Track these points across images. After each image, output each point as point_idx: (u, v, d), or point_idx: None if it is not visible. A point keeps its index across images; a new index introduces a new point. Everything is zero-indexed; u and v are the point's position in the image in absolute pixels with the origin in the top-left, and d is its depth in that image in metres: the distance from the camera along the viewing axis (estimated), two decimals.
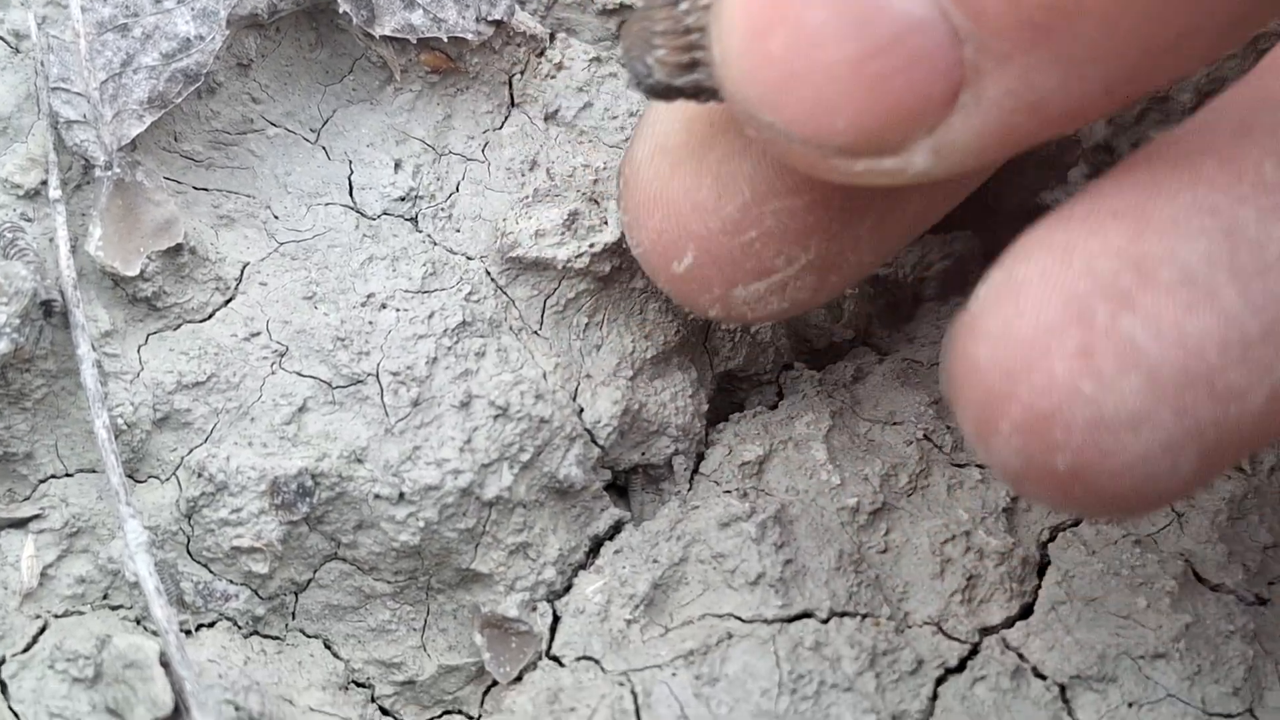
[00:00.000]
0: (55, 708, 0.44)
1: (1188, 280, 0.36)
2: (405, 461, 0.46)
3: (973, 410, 0.38)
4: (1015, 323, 0.36)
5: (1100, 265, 0.36)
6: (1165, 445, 0.36)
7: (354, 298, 0.47)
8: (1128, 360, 0.36)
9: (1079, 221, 0.38)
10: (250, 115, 0.49)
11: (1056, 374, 0.36)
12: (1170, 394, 0.36)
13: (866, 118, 0.36)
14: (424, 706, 0.47)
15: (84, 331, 0.45)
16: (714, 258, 0.43)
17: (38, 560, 0.45)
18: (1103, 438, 0.36)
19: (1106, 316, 0.36)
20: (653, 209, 0.44)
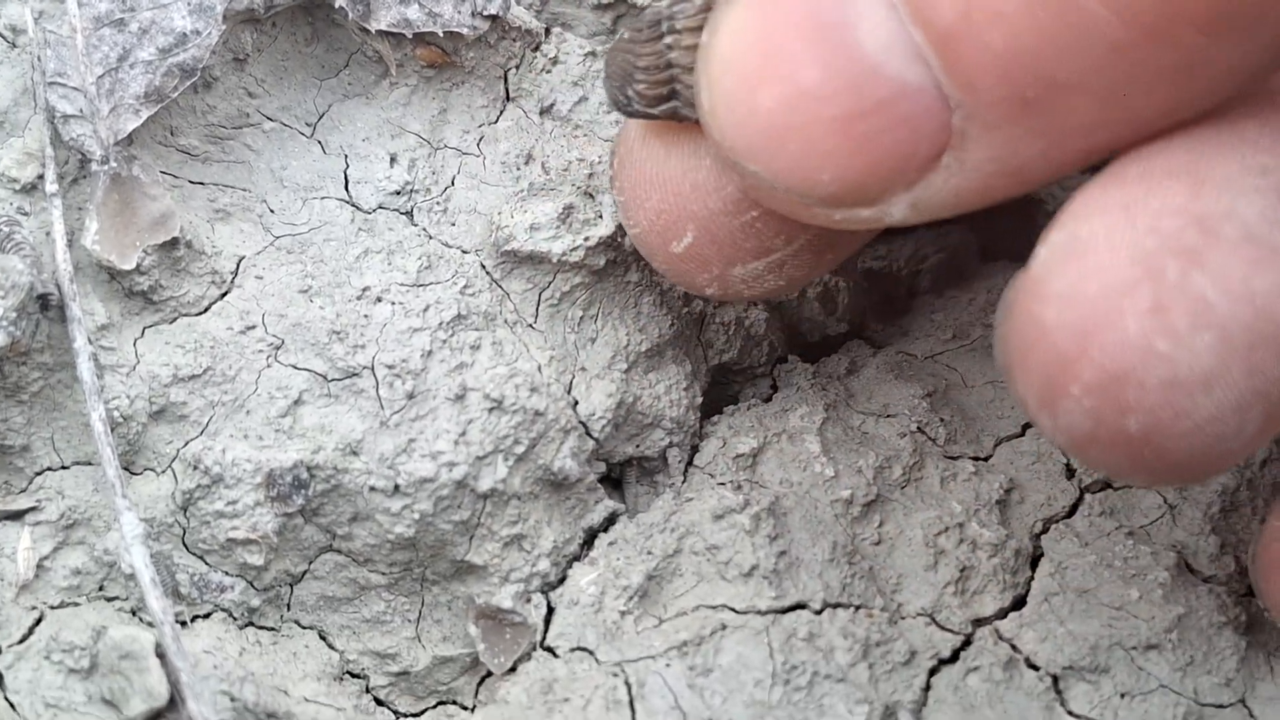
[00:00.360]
0: (51, 698, 0.44)
1: (1251, 237, 0.35)
2: (400, 454, 0.46)
3: (1038, 374, 0.37)
4: (1083, 283, 0.36)
5: (1165, 223, 0.36)
6: (1236, 405, 0.36)
7: (349, 291, 0.47)
8: (1201, 317, 0.35)
9: (1135, 182, 0.37)
10: (246, 110, 0.49)
11: (1130, 332, 0.35)
12: (1242, 352, 0.35)
13: (851, 173, 0.37)
14: (418, 697, 0.48)
15: (80, 325, 0.45)
16: (714, 237, 0.44)
17: (34, 552, 0.45)
18: (1177, 397, 0.36)
19: (1177, 273, 0.35)
20: (650, 189, 0.44)
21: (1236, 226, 0.35)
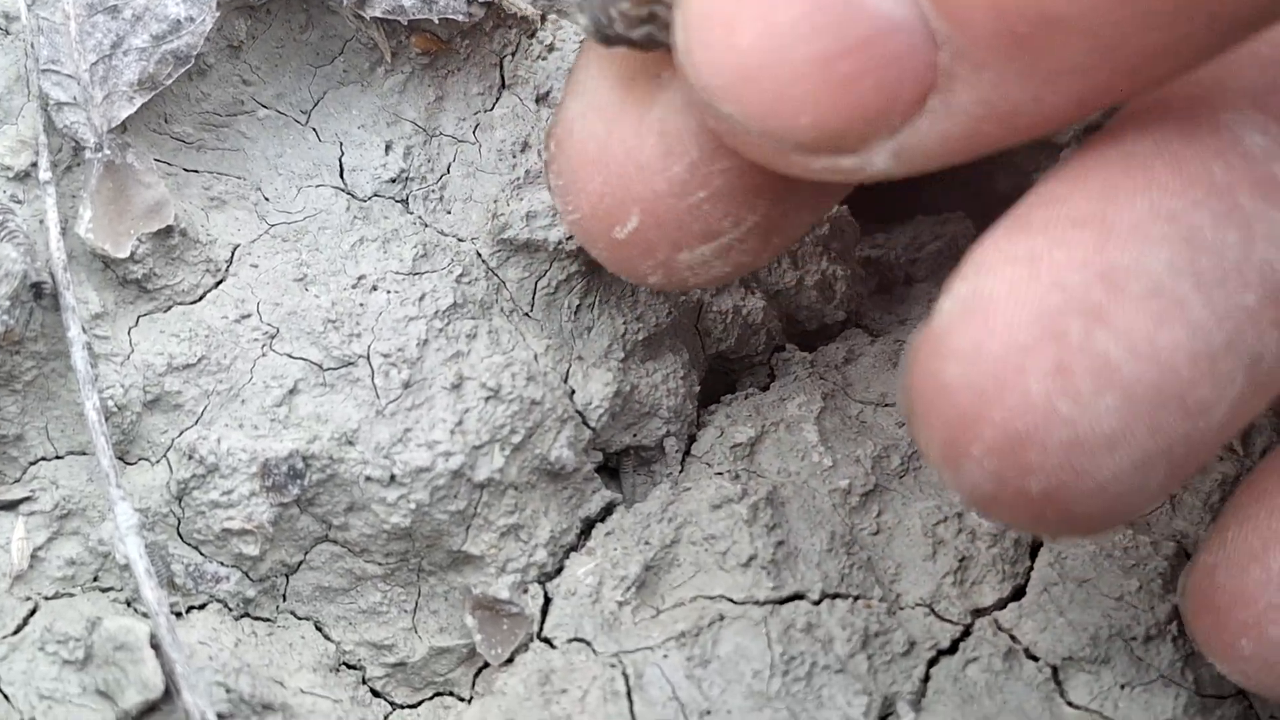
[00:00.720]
0: (45, 689, 0.44)
1: (1156, 291, 0.35)
2: (396, 443, 0.46)
3: (940, 432, 0.36)
4: (986, 341, 0.35)
5: (1069, 278, 0.35)
6: (1139, 463, 0.36)
7: (345, 279, 0.47)
8: (1104, 378, 0.35)
9: (1040, 231, 0.36)
10: (241, 97, 0.49)
11: (1032, 394, 0.35)
12: (1145, 411, 0.35)
13: (831, 116, 0.35)
14: (415, 688, 0.47)
15: (74, 314, 0.45)
16: (659, 221, 0.42)
17: (28, 542, 0.45)
18: (1079, 458, 0.35)
19: (1081, 332, 0.35)
20: (592, 171, 0.42)
21: (1143, 280, 0.35)
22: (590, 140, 0.42)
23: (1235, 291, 0.36)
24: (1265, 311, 0.36)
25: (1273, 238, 0.36)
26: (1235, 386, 0.36)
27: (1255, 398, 0.37)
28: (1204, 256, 0.35)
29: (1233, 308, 0.35)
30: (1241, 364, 0.36)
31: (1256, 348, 0.36)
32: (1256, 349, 0.36)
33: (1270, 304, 0.36)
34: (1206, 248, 0.35)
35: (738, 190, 0.41)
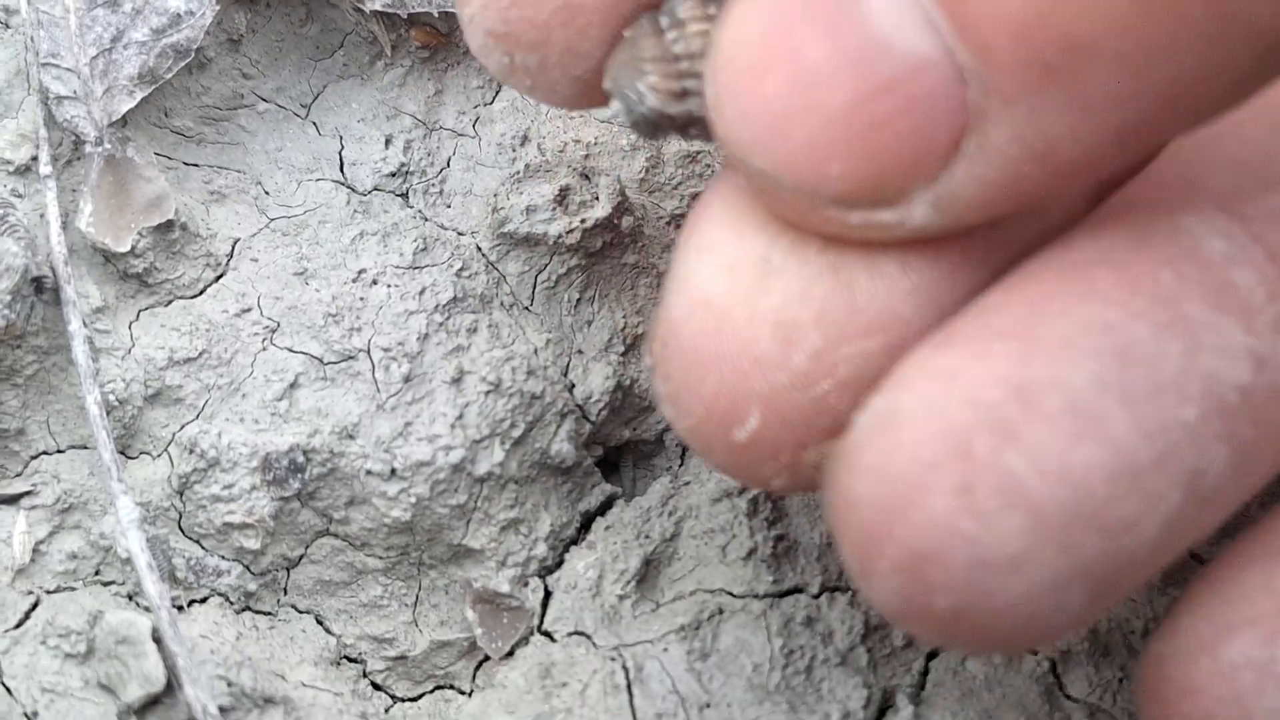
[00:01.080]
0: (48, 683, 0.44)
1: (1075, 408, 0.34)
2: (397, 438, 0.46)
3: (851, 548, 0.36)
4: (894, 457, 0.34)
5: (983, 394, 0.34)
6: (1050, 584, 0.34)
7: (345, 274, 0.47)
8: (1009, 497, 0.33)
9: (964, 344, 0.35)
10: (241, 91, 0.49)
11: (935, 512, 0.34)
12: (1055, 532, 0.34)
13: (864, 164, 0.33)
14: (416, 681, 0.47)
15: (75, 308, 0.45)
16: (783, 418, 0.38)
17: (30, 536, 0.45)
18: (984, 578, 0.34)
19: (988, 450, 0.33)
20: (704, 371, 0.39)
21: (1062, 396, 0.34)
22: (700, 337, 0.39)
23: (1171, 406, 0.35)
24: (1207, 425, 0.35)
25: (1221, 348, 0.35)
26: (1169, 504, 0.35)
27: (1203, 514, 0.36)
28: (1137, 370, 0.34)
29: (1166, 423, 0.34)
30: (1177, 481, 0.35)
31: (1197, 463, 0.35)
32: (1197, 464, 0.35)
33: (1215, 417, 0.35)
34: (1141, 361, 0.35)
35: (865, 379, 0.38)
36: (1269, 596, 0.38)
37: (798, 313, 0.38)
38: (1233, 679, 0.37)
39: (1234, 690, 0.37)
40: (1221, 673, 0.37)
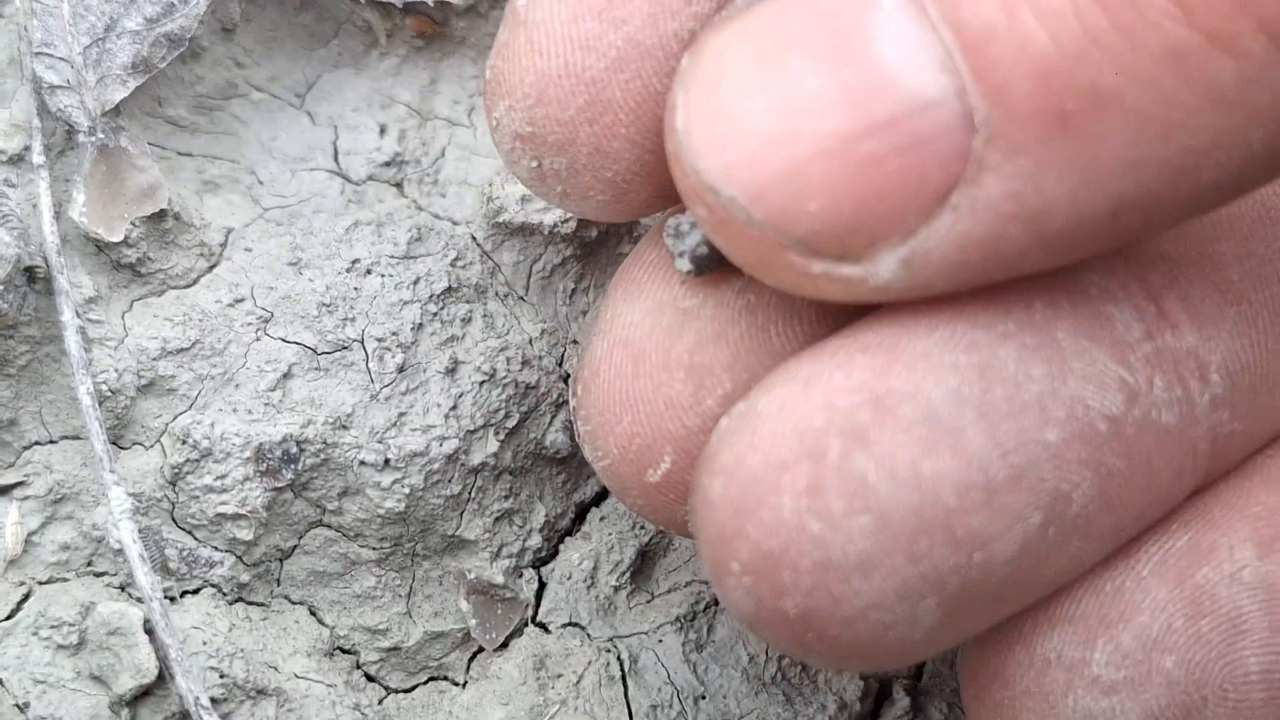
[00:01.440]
0: (39, 674, 0.44)
1: (930, 418, 0.34)
2: (391, 428, 0.46)
3: (706, 548, 0.35)
4: (748, 457, 0.34)
5: (840, 399, 0.34)
6: (900, 593, 0.34)
7: (339, 263, 0.47)
8: (857, 500, 0.33)
9: (828, 355, 0.35)
10: (234, 80, 0.49)
11: (784, 512, 0.34)
12: (903, 537, 0.34)
13: (844, 203, 0.32)
14: (409, 673, 0.47)
15: (68, 298, 0.45)
16: (694, 460, 0.38)
17: (22, 527, 0.45)
18: (832, 581, 0.34)
19: (839, 453, 0.33)
20: (619, 412, 0.39)
21: (918, 406, 0.34)
22: (617, 379, 0.39)
23: (1032, 426, 0.34)
24: (1071, 449, 0.35)
25: (1090, 376, 0.35)
26: (1027, 524, 0.35)
27: (1071, 542, 0.36)
28: (999, 388, 0.34)
29: (1025, 442, 0.34)
30: (1036, 502, 0.35)
31: (1059, 486, 0.35)
32: (1059, 488, 0.35)
33: (1080, 443, 0.35)
34: (1004, 380, 0.34)
35: None
36: (1095, 596, 0.37)
37: (711, 356, 0.38)
38: (1043, 674, 0.37)
39: (1042, 686, 0.37)
40: (1034, 666, 0.37)
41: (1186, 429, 0.37)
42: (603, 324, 0.40)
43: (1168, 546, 0.37)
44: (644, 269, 0.40)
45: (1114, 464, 0.36)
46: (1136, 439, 0.36)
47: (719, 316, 0.38)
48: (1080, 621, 0.37)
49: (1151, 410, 0.36)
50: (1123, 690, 0.37)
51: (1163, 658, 0.36)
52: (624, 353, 0.39)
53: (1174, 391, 0.36)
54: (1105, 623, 0.37)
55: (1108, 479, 0.36)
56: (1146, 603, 0.37)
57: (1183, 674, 0.36)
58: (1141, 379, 0.36)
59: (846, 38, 0.32)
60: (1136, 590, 0.37)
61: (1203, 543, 0.37)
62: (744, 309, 0.38)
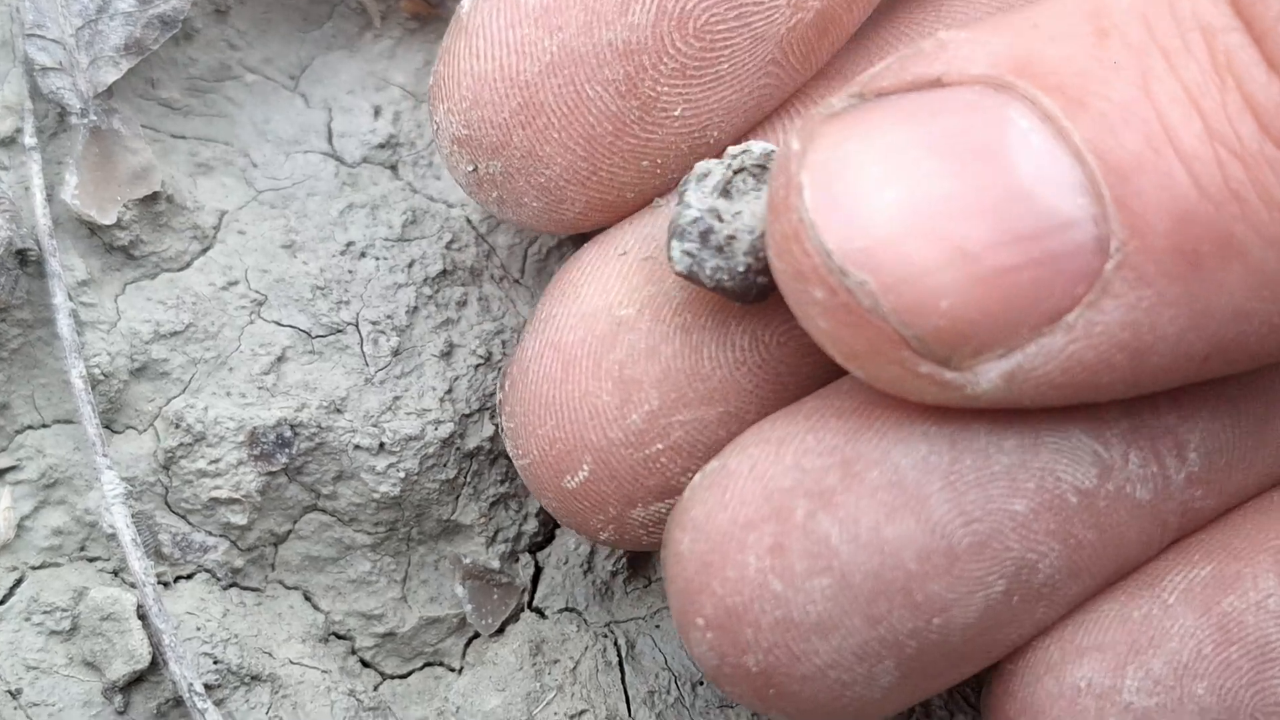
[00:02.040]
0: (32, 660, 0.43)
1: (896, 484, 0.35)
2: (385, 412, 0.45)
3: (674, 600, 0.37)
4: (716, 514, 0.35)
5: (809, 462, 0.35)
6: (858, 653, 0.35)
7: (333, 246, 0.47)
8: (819, 561, 0.34)
9: (803, 416, 0.36)
10: (228, 62, 0.48)
11: (748, 569, 0.35)
12: (863, 599, 0.35)
13: (972, 307, 0.32)
14: (405, 658, 0.47)
15: (60, 281, 0.44)
16: (612, 472, 0.39)
17: (14, 512, 0.45)
18: (791, 639, 0.35)
19: (804, 514, 0.35)
20: (544, 414, 0.40)
21: (885, 472, 0.35)
22: (545, 380, 0.40)
23: (999, 496, 0.35)
24: (1040, 520, 0.36)
25: (1063, 449, 0.36)
26: (990, 591, 0.35)
27: (1037, 609, 0.37)
28: (969, 457, 0.35)
29: (992, 511, 0.35)
30: (1000, 570, 0.35)
31: (1025, 556, 0.36)
32: (1025, 557, 0.36)
33: (1049, 514, 0.36)
34: (974, 450, 0.35)
35: (699, 444, 0.39)
36: (1122, 624, 0.37)
37: (641, 371, 0.39)
38: (1074, 703, 0.37)
39: (1073, 714, 0.37)
40: (1064, 695, 0.37)
41: (1160, 504, 0.37)
42: (536, 323, 0.41)
43: (1192, 576, 0.37)
44: (583, 271, 0.41)
45: (1084, 535, 0.37)
46: (1108, 512, 0.37)
47: (654, 331, 0.39)
48: (1110, 649, 0.37)
49: (1125, 485, 0.37)
50: (1155, 717, 0.37)
51: (1194, 684, 0.37)
52: (554, 356, 0.40)
53: (1149, 467, 0.37)
54: (1135, 649, 0.37)
55: (1076, 550, 0.37)
56: (1175, 629, 0.37)
57: (1214, 700, 0.37)
58: (1116, 454, 0.36)
59: (981, 147, 0.32)
60: (1165, 618, 0.37)
61: (1226, 573, 0.37)
62: (679, 327, 0.39)
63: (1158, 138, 0.31)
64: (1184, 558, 0.38)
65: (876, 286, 0.32)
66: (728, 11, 0.36)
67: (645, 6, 0.36)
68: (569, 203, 0.38)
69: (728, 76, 0.37)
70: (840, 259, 0.32)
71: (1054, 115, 0.32)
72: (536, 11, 0.36)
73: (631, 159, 0.37)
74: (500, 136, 0.37)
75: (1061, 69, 0.32)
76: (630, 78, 0.36)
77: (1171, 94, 0.31)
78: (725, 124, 0.38)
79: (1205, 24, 0.31)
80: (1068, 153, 0.31)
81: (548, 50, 0.36)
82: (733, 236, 0.36)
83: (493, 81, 0.37)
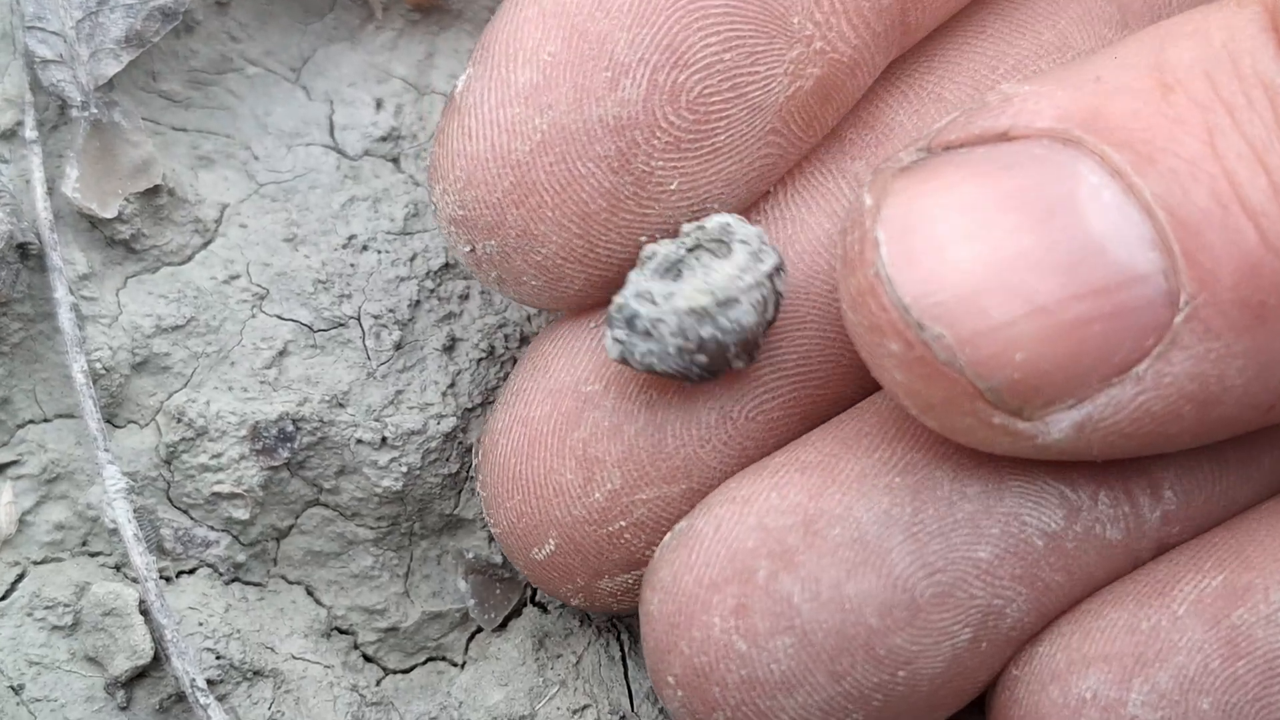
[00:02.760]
0: (34, 656, 0.43)
1: (857, 540, 0.35)
2: (388, 406, 0.45)
3: (648, 658, 0.38)
4: (683, 575, 0.36)
5: (772, 521, 0.36)
6: (824, 709, 0.36)
7: (335, 239, 0.46)
8: (782, 620, 0.35)
9: (769, 474, 0.37)
10: (229, 54, 0.48)
11: (713, 630, 0.36)
12: (825, 657, 0.35)
13: (1046, 360, 0.33)
14: (408, 653, 0.47)
15: (61, 274, 0.44)
16: (578, 547, 0.40)
17: (15, 507, 0.44)
18: (757, 697, 0.36)
19: (766, 575, 0.35)
20: (511, 489, 0.40)
21: (847, 529, 0.35)
22: (512, 455, 0.40)
23: (963, 544, 0.36)
24: (1004, 566, 0.36)
25: (1028, 493, 0.36)
26: (956, 640, 0.36)
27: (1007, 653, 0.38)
28: (931, 508, 0.36)
29: (955, 560, 0.36)
30: (966, 619, 0.36)
31: (991, 603, 0.36)
32: (991, 604, 0.36)
33: (1013, 559, 0.36)
34: (937, 500, 0.36)
35: (662, 521, 0.40)
36: (1130, 635, 0.37)
37: (604, 449, 0.39)
38: (1078, 713, 0.37)
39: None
40: (1069, 706, 0.37)
41: (1132, 543, 0.38)
42: (508, 395, 0.41)
43: (1203, 586, 0.37)
44: (555, 344, 0.41)
45: (1051, 578, 0.37)
46: (1076, 554, 0.37)
47: (618, 410, 0.39)
48: (1116, 660, 0.37)
49: (1095, 525, 0.37)
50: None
51: (1199, 699, 0.37)
52: (521, 432, 0.40)
53: (1120, 507, 0.37)
54: (1142, 662, 0.37)
55: (1044, 593, 0.37)
56: (1183, 642, 0.37)
57: (1219, 715, 0.37)
58: (1085, 494, 0.37)
59: (1053, 202, 0.33)
60: (1173, 630, 0.37)
61: (1238, 583, 0.37)
62: (644, 404, 0.39)
63: (1225, 194, 0.31)
64: (1196, 565, 0.38)
65: (953, 340, 0.33)
66: (722, 83, 0.36)
67: (635, 81, 0.36)
68: (568, 280, 0.38)
69: (725, 149, 0.37)
70: (918, 313, 0.33)
71: (1123, 170, 0.32)
72: (526, 90, 0.36)
73: (628, 235, 0.37)
74: (495, 216, 0.37)
75: (1128, 124, 0.33)
76: (622, 153, 0.36)
77: (1237, 150, 0.31)
78: (726, 195, 0.38)
79: (1268, 81, 0.32)
80: (1138, 208, 0.32)
81: (538, 129, 0.36)
82: (660, 319, 0.36)
83: (485, 161, 0.37)
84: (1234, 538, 0.38)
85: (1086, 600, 0.38)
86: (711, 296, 0.36)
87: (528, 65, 0.36)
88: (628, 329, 0.36)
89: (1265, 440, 0.39)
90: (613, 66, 0.35)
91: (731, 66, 0.36)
